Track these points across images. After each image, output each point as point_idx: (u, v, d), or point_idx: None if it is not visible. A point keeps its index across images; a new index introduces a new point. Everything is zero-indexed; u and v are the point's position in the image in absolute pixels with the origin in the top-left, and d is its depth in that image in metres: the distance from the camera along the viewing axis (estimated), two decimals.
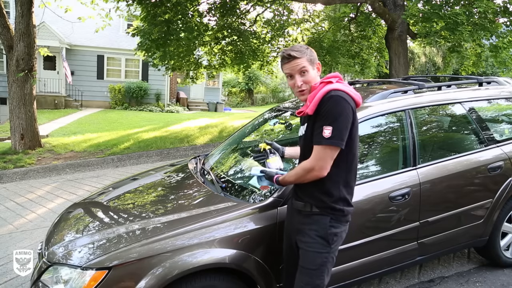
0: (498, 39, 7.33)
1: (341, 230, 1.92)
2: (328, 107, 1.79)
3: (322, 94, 1.82)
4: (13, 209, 4.94)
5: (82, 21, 8.15)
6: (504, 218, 3.05)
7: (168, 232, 2.06)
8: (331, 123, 1.77)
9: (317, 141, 1.80)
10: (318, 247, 1.88)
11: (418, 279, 3.08)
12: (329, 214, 1.89)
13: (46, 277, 2.06)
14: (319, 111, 1.82)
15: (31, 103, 7.46)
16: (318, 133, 1.80)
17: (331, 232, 1.88)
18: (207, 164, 3.09)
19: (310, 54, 1.91)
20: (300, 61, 1.87)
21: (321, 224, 1.89)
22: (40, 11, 8.73)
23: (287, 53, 1.88)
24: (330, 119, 1.78)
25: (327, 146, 1.78)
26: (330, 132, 1.76)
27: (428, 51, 22.11)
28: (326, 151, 1.79)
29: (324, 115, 1.80)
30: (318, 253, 1.88)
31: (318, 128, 1.81)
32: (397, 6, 7.84)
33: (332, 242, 1.88)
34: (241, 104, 27.32)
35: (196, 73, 11.25)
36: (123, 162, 7.40)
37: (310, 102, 1.87)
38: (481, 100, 3.18)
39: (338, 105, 1.79)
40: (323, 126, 1.78)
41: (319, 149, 1.80)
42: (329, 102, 1.80)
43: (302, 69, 1.88)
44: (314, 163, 1.81)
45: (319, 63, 1.95)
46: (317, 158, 1.80)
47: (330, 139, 1.77)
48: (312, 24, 11.79)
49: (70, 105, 17.01)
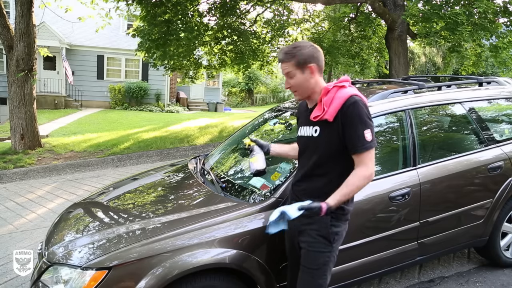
0: (498, 39, 7.33)
1: (342, 229, 1.93)
2: (357, 111, 1.80)
3: (343, 100, 1.81)
4: (13, 209, 4.94)
5: (82, 21, 8.15)
6: (504, 218, 3.05)
7: (168, 232, 2.06)
8: (368, 127, 1.80)
9: (365, 147, 1.79)
10: (320, 246, 1.88)
11: (418, 279, 3.08)
12: (330, 213, 1.87)
13: (46, 277, 2.06)
14: (343, 116, 1.81)
15: (31, 103, 7.46)
16: (361, 139, 1.79)
17: (332, 231, 1.88)
18: (207, 164, 3.09)
19: (300, 56, 1.84)
20: (286, 65, 1.86)
21: (322, 224, 1.88)
22: (40, 11, 8.73)
23: (278, 55, 1.90)
24: (365, 124, 1.80)
25: (373, 149, 1.82)
26: (371, 135, 1.80)
27: (428, 51, 22.12)
28: (373, 153, 1.83)
29: (358, 120, 1.79)
30: (320, 253, 1.88)
31: (358, 134, 1.79)
32: (397, 6, 7.84)
33: (333, 241, 1.89)
34: (241, 104, 27.32)
35: (196, 73, 11.26)
36: (123, 162, 7.40)
37: (328, 106, 1.84)
38: (481, 100, 3.17)
39: (364, 109, 1.82)
40: (364, 130, 1.79)
41: (368, 154, 1.81)
42: (356, 107, 1.80)
43: (288, 74, 1.88)
44: (371, 168, 1.82)
45: (313, 65, 1.85)
46: (371, 162, 1.82)
47: (372, 141, 1.80)
48: (312, 24, 11.79)
49: (70, 105, 17.01)
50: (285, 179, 2.30)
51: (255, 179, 2.49)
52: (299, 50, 1.84)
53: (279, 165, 2.58)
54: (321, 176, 1.91)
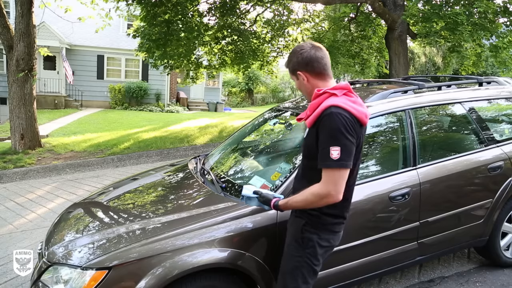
0: (498, 39, 7.33)
1: (318, 237, 1.81)
2: (328, 125, 1.66)
3: (322, 109, 1.70)
4: (13, 209, 4.94)
5: (82, 21, 8.14)
6: (504, 218, 3.05)
7: (168, 232, 2.06)
8: (338, 144, 1.64)
9: (326, 164, 1.66)
10: (291, 249, 1.87)
11: (418, 279, 3.08)
12: (304, 218, 1.84)
13: (46, 277, 2.06)
14: (319, 126, 1.72)
15: (31, 103, 7.46)
16: (325, 154, 1.66)
17: (304, 236, 1.82)
18: (207, 164, 3.09)
19: (291, 64, 1.85)
20: (288, 70, 1.90)
21: (295, 227, 1.88)
22: (40, 11, 8.73)
23: None
24: (335, 139, 1.64)
25: (337, 169, 1.66)
26: (339, 153, 1.63)
27: (428, 51, 22.11)
28: (338, 173, 1.66)
29: (327, 134, 1.67)
30: (290, 256, 1.87)
31: (324, 148, 1.67)
32: (397, 6, 7.84)
33: (306, 247, 1.81)
34: (241, 104, 27.32)
35: (196, 73, 11.26)
36: (123, 162, 7.40)
37: (311, 111, 1.77)
38: (481, 100, 3.17)
39: (340, 124, 1.65)
40: (330, 146, 1.64)
41: (329, 172, 1.66)
42: (329, 120, 1.66)
43: (292, 78, 1.90)
44: (329, 188, 1.66)
45: (301, 72, 1.81)
46: (331, 183, 1.66)
47: (339, 160, 1.64)
48: (312, 24, 11.79)
49: (70, 105, 17.01)
50: (285, 179, 2.29)
51: (255, 179, 2.49)
52: (292, 57, 1.84)
53: (279, 165, 2.58)
54: (305, 180, 1.85)
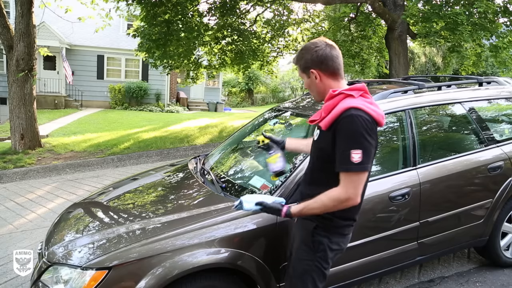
0: (498, 39, 7.34)
1: (330, 241, 1.77)
2: (350, 127, 1.60)
3: (340, 111, 1.63)
4: (13, 209, 4.94)
5: (82, 21, 8.14)
6: (504, 218, 3.05)
7: (168, 232, 2.06)
8: (360, 147, 1.58)
9: (346, 168, 1.60)
10: (301, 253, 1.81)
11: (418, 279, 3.08)
12: (315, 221, 1.78)
13: (46, 277, 2.06)
14: (336, 129, 1.64)
15: (31, 103, 7.46)
16: (345, 158, 1.60)
17: (316, 239, 1.77)
18: (207, 164, 3.09)
19: (302, 61, 1.76)
20: (297, 68, 1.82)
21: (306, 230, 1.81)
22: (40, 11, 8.73)
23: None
24: (356, 142, 1.59)
25: (358, 173, 1.61)
26: (360, 157, 1.58)
27: (428, 51, 22.11)
28: (358, 177, 1.62)
29: (347, 137, 1.61)
30: (300, 260, 1.81)
31: (344, 151, 1.60)
32: (397, 6, 7.84)
33: (317, 250, 1.76)
34: (241, 104, 27.32)
35: (197, 73, 11.26)
36: (123, 162, 7.40)
37: (326, 113, 1.69)
38: (481, 100, 3.17)
39: (361, 126, 1.59)
40: (351, 149, 1.58)
41: (350, 176, 1.61)
42: (350, 122, 1.60)
43: (300, 76, 1.83)
44: (349, 192, 1.62)
45: (314, 70, 1.73)
46: (351, 186, 1.62)
47: (361, 164, 1.59)
48: (312, 24, 11.79)
49: (70, 105, 17.00)
50: (285, 179, 2.29)
51: (255, 179, 2.49)
52: (304, 54, 1.75)
53: None
54: (316, 184, 1.79)
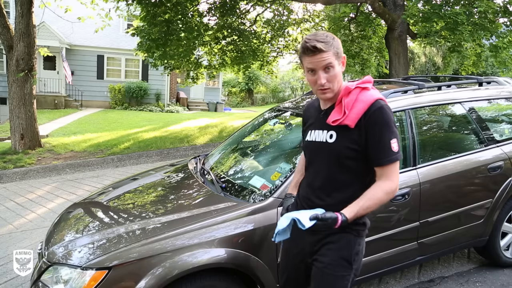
0: (498, 39, 7.34)
1: (362, 246, 1.73)
2: (384, 118, 1.58)
3: (368, 104, 1.59)
4: (13, 209, 4.94)
5: (82, 21, 8.14)
6: (504, 218, 3.05)
7: (168, 232, 2.06)
8: (395, 136, 1.60)
9: (390, 159, 1.59)
10: (339, 270, 1.66)
11: (418, 279, 3.08)
12: (353, 231, 1.67)
13: (46, 277, 2.06)
14: (368, 123, 1.59)
15: (31, 103, 7.46)
16: (387, 150, 1.58)
17: (355, 251, 1.68)
18: (207, 164, 3.09)
19: (337, 46, 1.59)
20: (327, 55, 1.54)
21: (344, 244, 1.67)
22: (40, 11, 8.73)
23: (311, 44, 1.54)
24: (393, 132, 1.60)
25: (398, 162, 1.63)
26: (397, 145, 1.60)
27: (428, 51, 22.12)
28: (398, 165, 1.63)
29: (384, 128, 1.58)
30: (339, 277, 1.67)
31: (384, 144, 1.58)
32: (397, 6, 7.84)
33: (354, 262, 1.68)
34: (241, 104, 27.33)
35: (197, 73, 11.26)
36: (123, 162, 7.40)
37: (350, 109, 1.60)
38: (481, 100, 3.17)
39: (391, 116, 1.61)
40: (390, 140, 1.58)
41: (393, 166, 1.61)
42: (383, 113, 1.59)
43: (328, 65, 1.56)
44: (396, 182, 1.62)
45: (345, 56, 1.64)
46: (395, 176, 1.62)
47: (398, 152, 1.61)
48: (312, 24, 11.79)
49: (70, 105, 17.00)
50: (285, 179, 2.29)
51: (255, 179, 2.49)
52: (333, 39, 1.58)
53: (279, 165, 2.58)
54: (341, 190, 1.67)
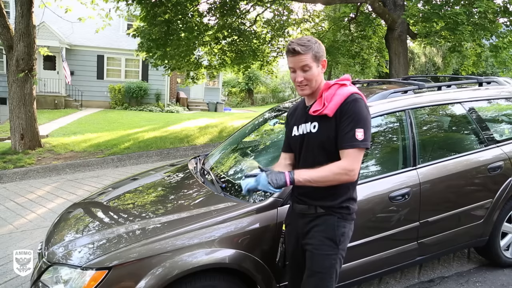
0: (498, 39, 7.33)
1: (348, 229, 1.90)
2: (355, 109, 1.78)
3: (345, 97, 1.80)
4: (13, 209, 4.94)
5: (82, 21, 8.14)
6: (504, 218, 3.05)
7: (168, 232, 2.06)
8: (362, 126, 1.76)
9: (351, 144, 1.76)
10: (326, 249, 1.85)
11: (418, 279, 3.08)
12: (336, 214, 1.86)
13: (46, 277, 2.06)
14: (342, 112, 1.79)
15: (31, 103, 7.46)
16: (351, 136, 1.76)
17: (339, 232, 1.86)
18: (207, 164, 3.09)
19: (317, 50, 1.82)
20: (304, 57, 1.79)
21: (328, 225, 1.86)
22: (40, 11, 8.72)
23: (292, 46, 1.80)
24: (360, 122, 1.77)
25: (361, 149, 1.77)
26: (363, 134, 1.75)
27: (428, 51, 22.12)
28: (360, 153, 1.78)
29: (352, 117, 1.77)
30: (326, 256, 1.85)
31: (349, 131, 1.76)
32: (397, 6, 7.84)
33: (339, 243, 1.86)
34: (241, 104, 27.33)
35: (197, 73, 11.26)
36: (123, 162, 7.40)
37: (329, 101, 1.82)
38: (481, 100, 3.17)
39: (364, 108, 1.80)
40: (355, 128, 1.75)
41: (354, 152, 1.76)
42: (355, 105, 1.78)
43: (304, 66, 1.80)
44: (354, 166, 1.76)
45: (325, 60, 1.88)
46: (355, 161, 1.76)
47: (364, 141, 1.75)
48: (312, 24, 11.79)
49: (70, 105, 17.01)
50: None
51: None
52: (314, 43, 1.82)
53: None
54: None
